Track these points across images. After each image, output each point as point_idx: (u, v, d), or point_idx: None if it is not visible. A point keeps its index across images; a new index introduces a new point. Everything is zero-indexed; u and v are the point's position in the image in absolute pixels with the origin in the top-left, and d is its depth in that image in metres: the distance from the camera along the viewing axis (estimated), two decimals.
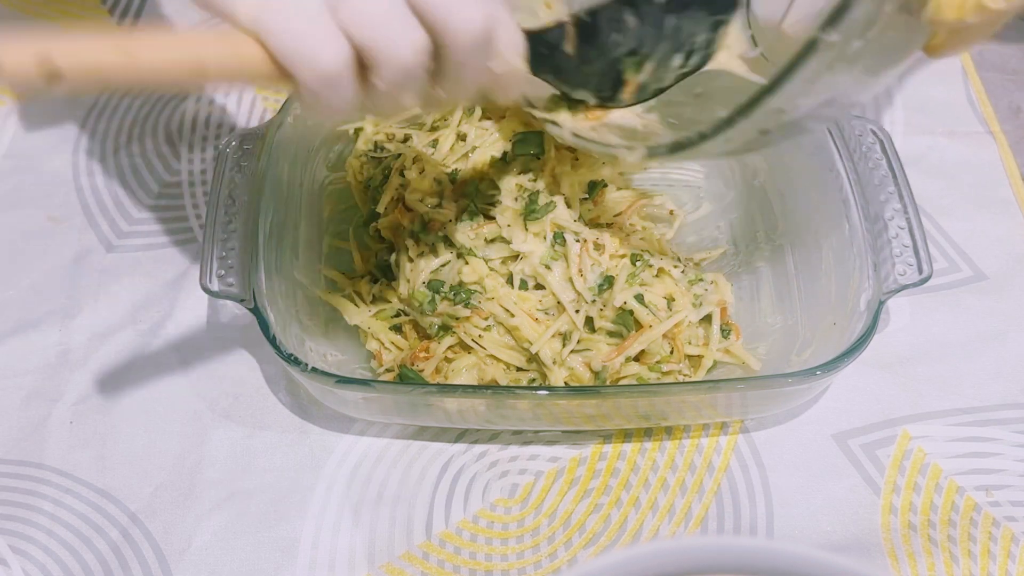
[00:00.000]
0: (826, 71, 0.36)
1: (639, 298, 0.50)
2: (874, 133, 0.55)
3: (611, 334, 0.51)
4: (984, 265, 0.60)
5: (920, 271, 0.50)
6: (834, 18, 0.34)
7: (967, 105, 0.68)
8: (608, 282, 0.51)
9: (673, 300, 0.52)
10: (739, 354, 0.53)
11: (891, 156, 0.54)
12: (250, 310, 0.50)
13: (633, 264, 0.52)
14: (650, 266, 0.52)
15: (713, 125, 0.41)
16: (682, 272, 0.53)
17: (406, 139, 0.59)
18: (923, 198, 0.62)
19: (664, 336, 0.51)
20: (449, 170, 0.57)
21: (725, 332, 0.53)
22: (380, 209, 0.57)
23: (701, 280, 0.54)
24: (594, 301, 0.51)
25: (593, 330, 0.51)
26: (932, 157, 0.65)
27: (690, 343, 0.52)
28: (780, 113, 0.39)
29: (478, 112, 0.58)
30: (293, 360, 0.48)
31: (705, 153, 0.44)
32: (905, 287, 0.49)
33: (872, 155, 0.54)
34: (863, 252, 0.50)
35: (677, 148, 0.44)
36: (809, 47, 0.35)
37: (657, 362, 0.52)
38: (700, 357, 0.53)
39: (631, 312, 0.50)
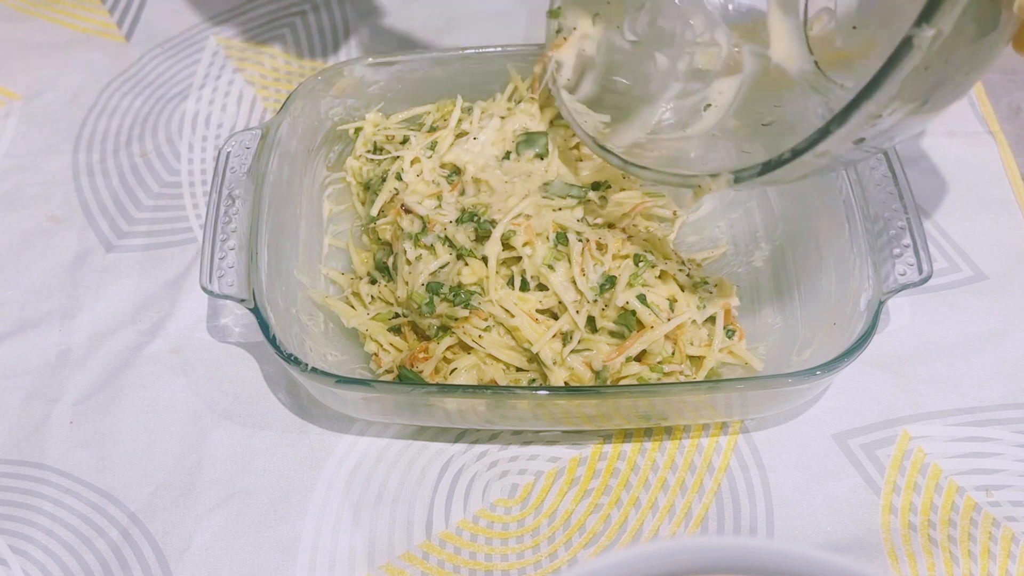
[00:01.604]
0: (923, 71, 0.35)
1: (641, 298, 0.50)
2: None
3: (613, 334, 0.51)
4: (984, 265, 0.60)
5: (920, 271, 0.50)
6: (927, 13, 0.33)
7: (967, 105, 0.68)
8: (610, 282, 0.51)
9: (675, 301, 0.52)
10: (742, 355, 0.53)
11: (891, 156, 0.54)
12: (250, 310, 0.50)
13: (636, 265, 0.52)
14: (653, 267, 0.52)
15: (807, 139, 0.39)
16: (687, 275, 0.53)
17: (404, 140, 0.59)
18: (923, 198, 0.62)
19: (666, 337, 0.51)
20: (447, 173, 0.57)
21: (729, 333, 0.53)
22: (373, 213, 0.57)
23: (706, 283, 0.54)
24: (596, 301, 0.51)
25: (595, 330, 0.51)
26: (932, 157, 0.65)
27: (692, 344, 0.52)
28: (875, 119, 0.37)
29: (477, 113, 0.58)
30: (293, 360, 0.48)
31: (798, 171, 0.42)
32: (905, 287, 0.49)
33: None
34: (863, 252, 0.50)
35: (768, 168, 0.42)
36: (903, 46, 0.34)
37: (659, 363, 0.52)
38: (702, 358, 0.53)
39: (633, 312, 0.50)
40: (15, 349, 0.58)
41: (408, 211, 0.55)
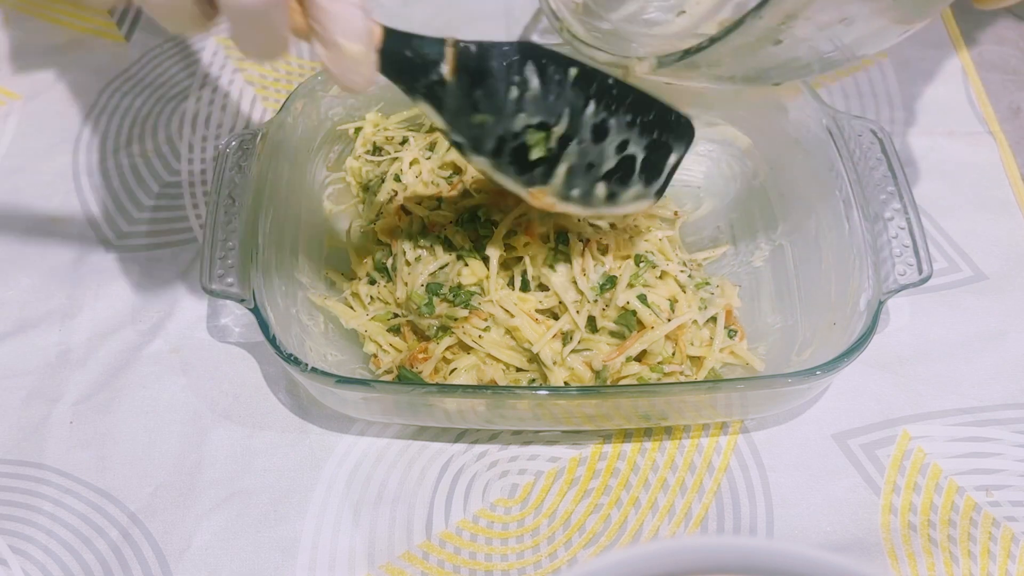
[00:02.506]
0: None
1: (642, 298, 0.50)
2: (874, 133, 0.55)
3: (613, 334, 0.51)
4: (984, 265, 0.60)
5: (920, 271, 0.50)
6: None
7: (967, 105, 0.68)
8: (611, 282, 0.51)
9: (676, 302, 0.52)
10: (743, 355, 0.53)
11: (891, 156, 0.54)
12: (250, 310, 0.50)
13: (636, 265, 0.52)
14: (653, 267, 0.52)
15: (725, 28, 0.39)
16: (688, 276, 0.53)
17: (404, 141, 0.59)
18: (923, 198, 0.62)
19: (667, 337, 0.51)
20: (447, 174, 0.56)
21: (730, 333, 0.53)
22: (372, 216, 0.57)
23: (707, 284, 0.54)
24: (596, 301, 0.51)
25: (595, 330, 0.51)
26: (932, 157, 0.65)
27: (692, 344, 0.52)
28: (791, 19, 0.37)
29: None
30: (293, 360, 0.48)
31: (717, 68, 0.41)
32: (905, 287, 0.49)
33: (872, 155, 0.54)
34: (863, 252, 0.50)
35: (688, 54, 0.41)
36: None
37: (659, 363, 0.52)
38: (702, 358, 0.53)
39: (634, 312, 0.50)
40: (15, 349, 0.58)
41: (407, 212, 0.55)
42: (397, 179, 0.57)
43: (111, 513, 0.52)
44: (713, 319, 0.53)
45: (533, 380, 0.52)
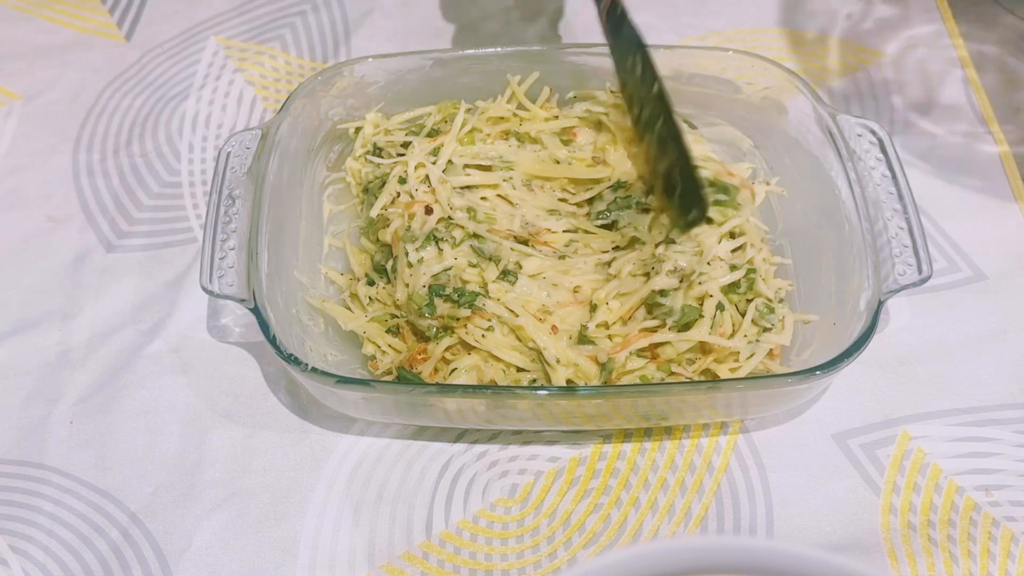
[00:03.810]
0: None
1: (720, 307, 0.51)
2: (874, 133, 0.55)
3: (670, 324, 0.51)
4: (984, 265, 0.60)
5: (920, 271, 0.50)
6: None
7: (967, 105, 0.68)
8: (750, 283, 0.51)
9: (737, 326, 0.51)
10: (772, 370, 0.52)
11: (891, 156, 0.54)
12: (250, 310, 0.50)
13: (748, 276, 0.52)
14: (753, 288, 0.52)
15: None
16: (756, 308, 0.52)
17: (405, 143, 0.59)
18: (923, 198, 0.62)
19: (702, 352, 0.51)
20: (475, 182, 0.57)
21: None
22: (373, 215, 0.56)
23: (771, 312, 0.52)
24: (685, 280, 0.51)
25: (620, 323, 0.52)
26: (932, 157, 0.65)
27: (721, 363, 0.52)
28: None
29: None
30: (293, 360, 0.48)
31: None
32: (905, 287, 0.49)
33: (872, 155, 0.54)
34: (863, 252, 0.50)
35: None
36: None
37: (668, 361, 0.52)
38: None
39: (700, 311, 0.50)
40: (15, 349, 0.58)
41: (429, 211, 0.54)
42: (402, 181, 0.56)
43: (111, 513, 0.52)
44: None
45: (534, 380, 0.52)
